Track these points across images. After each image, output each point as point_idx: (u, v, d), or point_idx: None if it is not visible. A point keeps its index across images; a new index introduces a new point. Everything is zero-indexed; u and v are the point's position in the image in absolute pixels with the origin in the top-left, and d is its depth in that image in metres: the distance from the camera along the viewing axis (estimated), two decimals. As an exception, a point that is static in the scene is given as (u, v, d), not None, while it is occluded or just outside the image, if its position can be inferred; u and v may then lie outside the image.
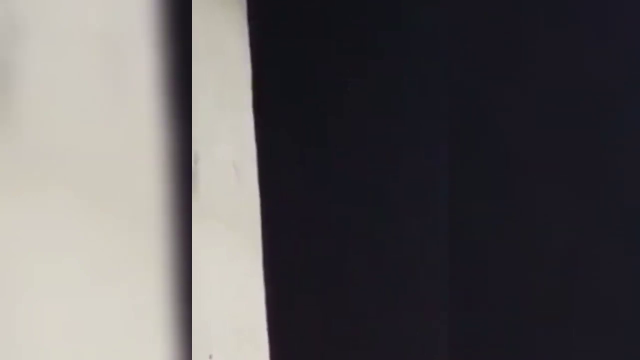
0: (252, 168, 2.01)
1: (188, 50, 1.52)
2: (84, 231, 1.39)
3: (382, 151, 1.98)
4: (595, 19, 1.88)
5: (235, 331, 1.88)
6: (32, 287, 1.31)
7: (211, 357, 1.77)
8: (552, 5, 1.89)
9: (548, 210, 1.86)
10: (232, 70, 2.02)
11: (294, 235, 2.01)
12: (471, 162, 1.90)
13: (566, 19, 1.89)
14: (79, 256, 1.38)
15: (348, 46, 2.03)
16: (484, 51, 1.92)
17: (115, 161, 1.43)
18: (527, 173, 1.88)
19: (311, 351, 1.95)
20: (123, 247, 1.43)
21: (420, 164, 1.95)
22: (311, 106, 2.05)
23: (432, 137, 1.94)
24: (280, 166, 2.03)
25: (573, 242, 1.84)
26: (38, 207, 1.34)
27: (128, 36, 1.45)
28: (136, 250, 1.43)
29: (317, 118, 2.04)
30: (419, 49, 1.98)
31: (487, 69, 1.92)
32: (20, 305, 1.30)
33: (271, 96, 2.06)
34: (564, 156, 1.86)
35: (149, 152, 1.44)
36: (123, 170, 1.43)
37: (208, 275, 1.82)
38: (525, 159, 1.88)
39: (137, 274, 1.43)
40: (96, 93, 1.42)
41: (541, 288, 1.83)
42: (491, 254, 1.87)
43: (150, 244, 1.43)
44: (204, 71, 1.89)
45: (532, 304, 1.83)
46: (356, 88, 2.02)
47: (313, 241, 1.99)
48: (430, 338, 1.88)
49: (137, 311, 1.42)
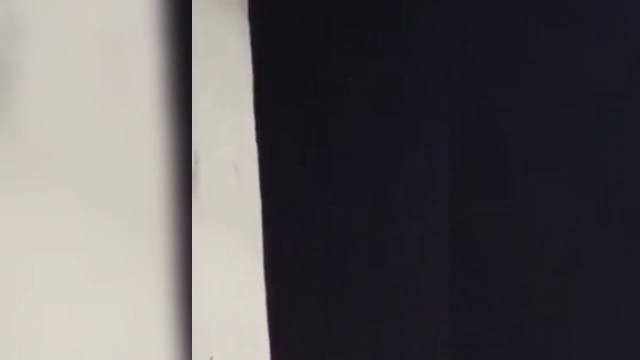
0: (253, 168, 2.01)
1: (188, 50, 1.52)
2: (84, 231, 1.39)
3: (383, 151, 1.98)
4: (595, 19, 1.88)
5: (235, 331, 1.88)
6: (32, 287, 1.31)
7: (212, 359, 1.77)
8: (552, 5, 1.89)
9: (548, 210, 1.86)
10: (232, 70, 2.02)
11: (295, 235, 2.01)
12: (471, 162, 1.90)
13: (566, 19, 1.89)
14: (79, 256, 1.38)
15: (348, 47, 2.03)
16: (484, 51, 1.92)
17: (115, 161, 1.43)
18: (527, 173, 1.88)
19: (311, 351, 1.95)
20: (123, 247, 1.43)
21: (420, 164, 1.95)
22: (311, 107, 2.05)
23: (432, 137, 1.94)
24: (280, 166, 2.03)
25: (573, 242, 1.84)
26: (38, 207, 1.34)
27: (128, 36, 1.45)
28: (136, 250, 1.43)
29: (318, 118, 2.04)
30: (419, 49, 1.98)
31: (487, 69, 1.92)
32: (20, 305, 1.30)
33: (271, 97, 2.06)
34: (564, 156, 1.86)
35: (149, 152, 1.44)
36: (123, 170, 1.43)
37: (208, 275, 1.82)
38: (525, 159, 1.88)
39: (137, 274, 1.43)
40: (96, 93, 1.42)
41: (541, 288, 1.83)
42: (491, 254, 1.87)
43: (150, 244, 1.43)
44: (204, 71, 1.89)
45: (532, 304, 1.83)
46: (356, 88, 2.02)
47: (313, 241, 1.99)
48: (430, 338, 1.88)
49: (137, 311, 1.42)
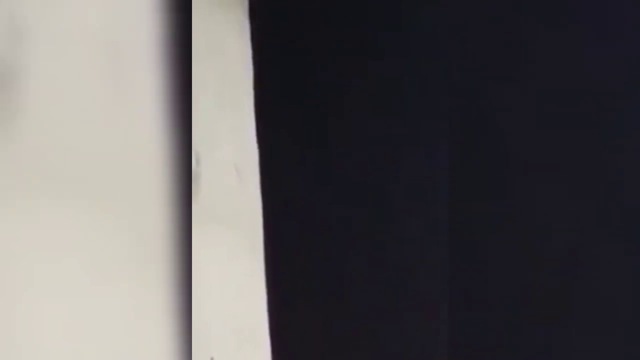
0: (253, 169, 2.01)
1: (188, 50, 1.52)
2: (85, 231, 1.39)
3: (383, 151, 1.98)
4: (595, 19, 1.88)
5: (235, 331, 1.88)
6: (32, 287, 1.32)
7: (212, 359, 1.77)
8: (552, 5, 1.89)
9: (548, 210, 1.86)
10: (232, 70, 2.02)
11: (295, 235, 2.01)
12: (471, 162, 1.90)
13: (566, 19, 1.89)
14: (79, 256, 1.38)
15: (348, 47, 2.03)
16: (484, 51, 1.92)
17: (115, 162, 1.43)
18: (527, 173, 1.88)
19: (312, 351, 1.95)
20: (123, 247, 1.43)
21: (420, 164, 1.95)
22: (311, 107, 2.05)
23: (432, 137, 1.94)
24: (280, 167, 2.03)
25: (573, 242, 1.84)
26: (38, 207, 1.34)
27: (128, 36, 1.45)
28: (136, 250, 1.44)
29: (318, 118, 2.04)
30: (419, 49, 1.98)
31: (487, 69, 1.92)
32: (20, 305, 1.30)
33: (272, 97, 2.06)
34: (564, 156, 1.86)
35: (150, 153, 1.44)
36: (123, 170, 1.43)
37: (208, 275, 1.82)
38: (525, 159, 1.88)
39: (137, 275, 1.43)
40: (97, 93, 1.42)
41: (541, 288, 1.83)
42: (491, 254, 1.87)
43: (150, 245, 1.43)
44: (204, 71, 1.89)
45: (532, 304, 1.83)
46: (357, 89, 2.02)
47: (313, 241, 1.99)
48: (430, 338, 1.88)
49: (137, 311, 1.42)
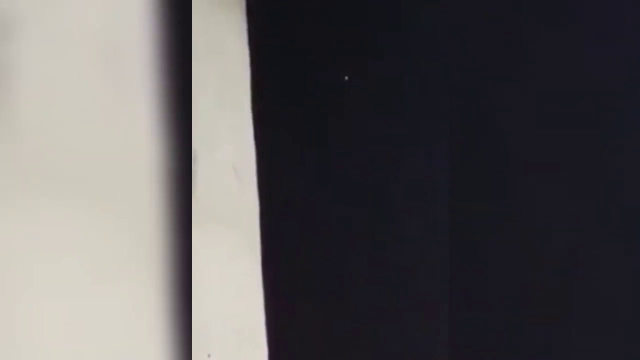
0: (252, 168, 2.01)
1: (188, 50, 1.52)
2: (84, 232, 1.39)
3: (383, 151, 1.98)
4: (595, 19, 1.88)
5: (235, 331, 1.88)
6: (32, 287, 1.31)
7: (209, 356, 1.77)
8: (552, 5, 1.89)
9: (548, 210, 1.86)
10: (232, 70, 2.02)
11: (294, 235, 2.01)
12: (471, 162, 1.90)
13: (566, 19, 1.89)
14: (79, 256, 1.38)
15: (348, 47, 2.03)
16: (484, 51, 1.92)
17: (114, 162, 1.43)
18: (527, 173, 1.88)
19: (311, 351, 1.95)
20: (123, 248, 1.43)
21: (420, 164, 1.95)
22: (311, 107, 2.05)
23: (432, 137, 1.94)
24: (280, 166, 2.03)
25: (573, 242, 1.83)
26: (38, 208, 1.34)
27: (127, 36, 1.45)
28: (136, 250, 1.43)
29: (318, 118, 2.04)
30: (419, 49, 1.98)
31: (487, 69, 1.92)
32: (19, 304, 1.30)
33: (271, 97, 2.06)
34: (564, 156, 1.86)
35: (149, 153, 1.44)
36: (122, 170, 1.43)
37: (208, 275, 1.82)
38: (525, 159, 1.88)
39: (137, 274, 1.43)
40: (95, 93, 1.42)
41: (541, 288, 1.83)
42: (491, 254, 1.87)
43: (150, 245, 1.43)
44: (204, 71, 1.89)
45: (532, 304, 1.83)
46: (357, 89, 2.02)
47: (313, 242, 1.99)
48: (430, 338, 1.88)
49: (137, 311, 1.42)
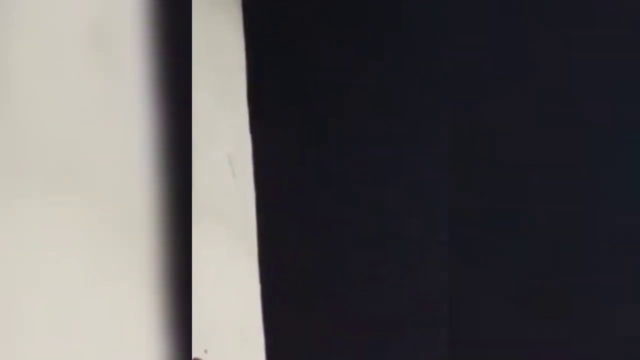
0: (249, 167, 2.01)
1: (188, 49, 1.51)
2: (84, 232, 1.39)
3: (383, 152, 1.98)
4: (595, 19, 1.88)
5: (233, 330, 1.88)
6: (30, 286, 1.31)
7: (206, 352, 1.77)
8: (552, 5, 1.89)
9: (548, 210, 1.86)
10: (231, 70, 2.02)
11: (294, 235, 2.01)
12: (471, 162, 1.90)
13: (566, 19, 1.90)
14: (78, 256, 1.38)
15: (348, 47, 2.03)
16: (484, 51, 1.92)
17: (112, 160, 1.42)
18: (527, 173, 1.88)
19: (311, 351, 1.95)
20: (122, 247, 1.43)
21: (420, 164, 1.95)
22: (311, 107, 2.05)
23: (432, 137, 1.94)
24: (280, 166, 2.03)
25: (573, 242, 1.84)
26: (29, 206, 1.33)
27: (121, 32, 1.45)
28: (134, 248, 1.43)
29: (318, 118, 2.04)
30: (419, 49, 1.98)
31: (487, 69, 1.92)
32: (20, 305, 1.30)
33: (271, 96, 2.06)
34: (564, 156, 1.86)
35: (146, 151, 1.43)
36: (120, 169, 1.43)
37: (205, 273, 1.82)
38: (525, 159, 1.88)
39: (135, 273, 1.43)
40: (89, 88, 1.42)
41: (541, 288, 1.83)
42: (491, 254, 1.87)
43: (147, 243, 1.43)
44: (204, 70, 1.90)
45: (532, 304, 1.83)
46: (357, 89, 2.02)
47: (313, 241, 1.99)
48: (430, 338, 1.88)
49: (135, 310, 1.42)
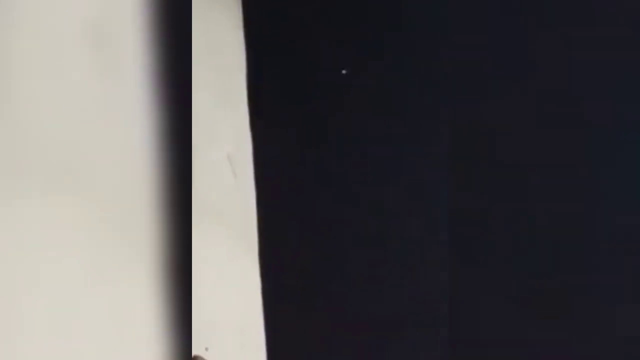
0: (250, 167, 2.02)
1: (188, 48, 1.51)
2: (84, 232, 1.39)
3: (383, 151, 1.98)
4: (595, 19, 1.88)
5: (234, 331, 1.88)
6: (30, 285, 1.31)
7: (207, 350, 1.77)
8: (553, 5, 1.90)
9: (548, 210, 1.86)
10: (231, 69, 2.03)
11: (294, 235, 2.01)
12: (471, 162, 1.91)
13: (566, 19, 1.90)
14: (79, 256, 1.38)
15: (348, 46, 2.04)
16: (484, 51, 1.92)
17: (113, 160, 1.42)
18: (527, 173, 1.88)
19: (311, 351, 1.95)
20: (123, 248, 1.43)
21: (420, 164, 1.96)
22: (311, 106, 2.05)
23: (432, 137, 1.95)
24: (280, 166, 2.03)
25: (573, 242, 1.84)
26: (29, 206, 1.33)
27: (123, 34, 1.45)
28: (134, 248, 1.43)
29: (318, 118, 2.04)
30: (419, 49, 1.99)
31: (487, 69, 1.92)
32: (20, 305, 1.30)
33: (271, 96, 2.06)
34: (564, 156, 1.87)
35: (146, 151, 1.43)
36: (120, 169, 1.43)
37: (207, 274, 1.82)
38: (525, 159, 1.88)
39: (135, 273, 1.43)
40: (89, 87, 1.41)
41: (541, 288, 1.83)
42: (491, 254, 1.87)
43: (148, 242, 1.43)
44: (204, 70, 1.90)
45: (532, 304, 1.83)
46: (357, 89, 2.02)
47: (313, 241, 2.00)
48: (430, 337, 1.88)
49: (135, 309, 1.42)
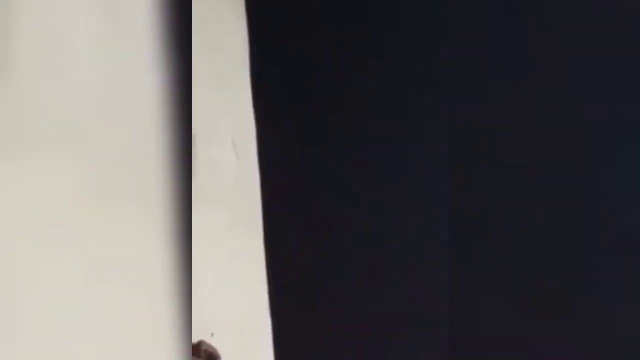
0: (252, 164, 2.02)
1: (188, 35, 1.51)
2: (83, 231, 1.38)
3: (383, 151, 1.98)
4: (595, 19, 1.88)
5: (234, 331, 1.88)
6: (29, 285, 1.31)
7: (212, 335, 1.77)
8: (553, 5, 1.90)
9: (548, 210, 1.86)
10: (233, 63, 2.03)
11: (295, 235, 2.01)
12: (471, 163, 1.90)
13: (566, 19, 1.90)
14: (79, 256, 1.38)
15: (348, 47, 2.04)
16: (484, 51, 1.92)
17: (116, 125, 1.41)
18: (527, 173, 1.88)
19: (313, 350, 1.94)
20: (122, 244, 1.42)
21: (420, 164, 1.95)
22: (311, 106, 2.05)
23: (432, 137, 1.95)
24: (280, 166, 2.03)
25: (573, 242, 1.84)
26: (33, 175, 1.32)
27: (129, 5, 1.44)
28: (135, 246, 1.43)
29: (318, 118, 2.04)
30: (419, 49, 1.99)
31: (487, 69, 1.92)
32: (20, 305, 1.29)
33: (272, 97, 2.06)
34: (564, 156, 1.87)
35: (153, 113, 1.42)
36: (123, 135, 1.41)
37: (207, 274, 1.81)
38: (524, 159, 1.88)
39: (135, 272, 1.42)
40: (96, 55, 1.40)
41: (541, 288, 1.83)
42: (491, 254, 1.87)
43: (149, 236, 1.43)
44: (204, 67, 1.90)
45: (532, 304, 1.83)
46: (357, 89, 2.02)
47: (313, 241, 1.99)
48: (430, 337, 1.87)
49: (136, 310, 1.41)
